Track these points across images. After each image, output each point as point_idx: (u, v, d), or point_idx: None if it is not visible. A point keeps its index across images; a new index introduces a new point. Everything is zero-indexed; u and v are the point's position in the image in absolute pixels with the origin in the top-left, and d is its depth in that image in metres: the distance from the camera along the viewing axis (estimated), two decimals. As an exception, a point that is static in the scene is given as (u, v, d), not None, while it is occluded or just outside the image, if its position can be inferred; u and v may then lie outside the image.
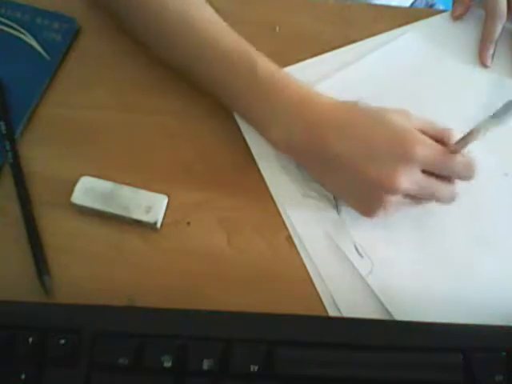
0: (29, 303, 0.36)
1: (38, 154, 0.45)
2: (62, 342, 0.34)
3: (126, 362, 0.33)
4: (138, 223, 0.42)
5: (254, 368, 0.33)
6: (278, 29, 0.52)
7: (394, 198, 0.40)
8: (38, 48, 0.48)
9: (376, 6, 0.56)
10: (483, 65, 0.51)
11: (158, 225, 0.42)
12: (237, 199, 0.44)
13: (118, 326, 0.35)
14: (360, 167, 0.40)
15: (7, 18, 0.49)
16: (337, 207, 0.44)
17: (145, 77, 0.48)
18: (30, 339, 0.34)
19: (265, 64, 0.43)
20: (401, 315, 0.39)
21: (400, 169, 0.39)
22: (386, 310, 0.40)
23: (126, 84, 0.48)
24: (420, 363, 0.34)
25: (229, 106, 0.45)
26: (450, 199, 0.42)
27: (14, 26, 0.49)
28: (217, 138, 0.45)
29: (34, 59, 0.48)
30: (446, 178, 0.41)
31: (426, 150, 0.39)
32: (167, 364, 0.33)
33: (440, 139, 0.40)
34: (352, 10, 0.54)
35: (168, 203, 0.43)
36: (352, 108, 0.42)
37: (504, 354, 0.34)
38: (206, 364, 0.33)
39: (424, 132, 0.40)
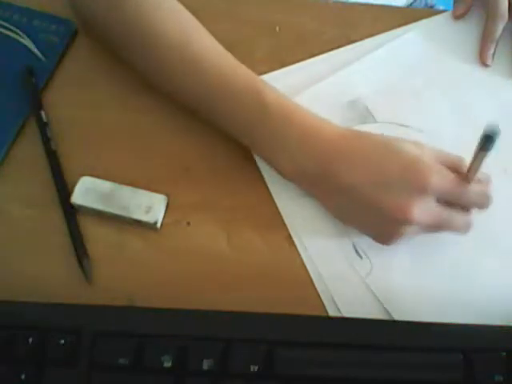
0: (29, 303, 0.36)
1: (37, 155, 0.45)
2: (62, 342, 0.34)
3: (126, 362, 0.33)
4: (138, 223, 0.42)
5: (253, 368, 0.33)
6: (278, 29, 0.52)
7: (409, 229, 0.39)
8: (35, 50, 0.48)
9: (376, 5, 0.56)
10: (484, 64, 0.51)
11: (158, 225, 0.42)
12: (237, 199, 0.44)
13: (118, 326, 0.35)
14: (373, 197, 0.38)
15: (4, 20, 0.49)
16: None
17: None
18: (30, 339, 0.34)
19: (274, 96, 0.41)
20: (400, 315, 0.39)
21: (414, 200, 0.37)
22: (386, 310, 0.40)
23: (124, 84, 0.48)
24: (420, 363, 0.34)
25: (236, 138, 0.43)
26: (466, 229, 0.41)
27: (12, 27, 0.49)
28: (217, 137, 0.45)
29: (31, 61, 0.48)
30: (461, 206, 0.40)
31: (440, 179, 0.38)
32: (167, 364, 0.33)
33: (453, 169, 0.39)
34: (352, 10, 0.54)
35: (168, 203, 0.43)
36: (362, 137, 0.41)
37: (504, 353, 0.34)
38: (206, 364, 0.33)
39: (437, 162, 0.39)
